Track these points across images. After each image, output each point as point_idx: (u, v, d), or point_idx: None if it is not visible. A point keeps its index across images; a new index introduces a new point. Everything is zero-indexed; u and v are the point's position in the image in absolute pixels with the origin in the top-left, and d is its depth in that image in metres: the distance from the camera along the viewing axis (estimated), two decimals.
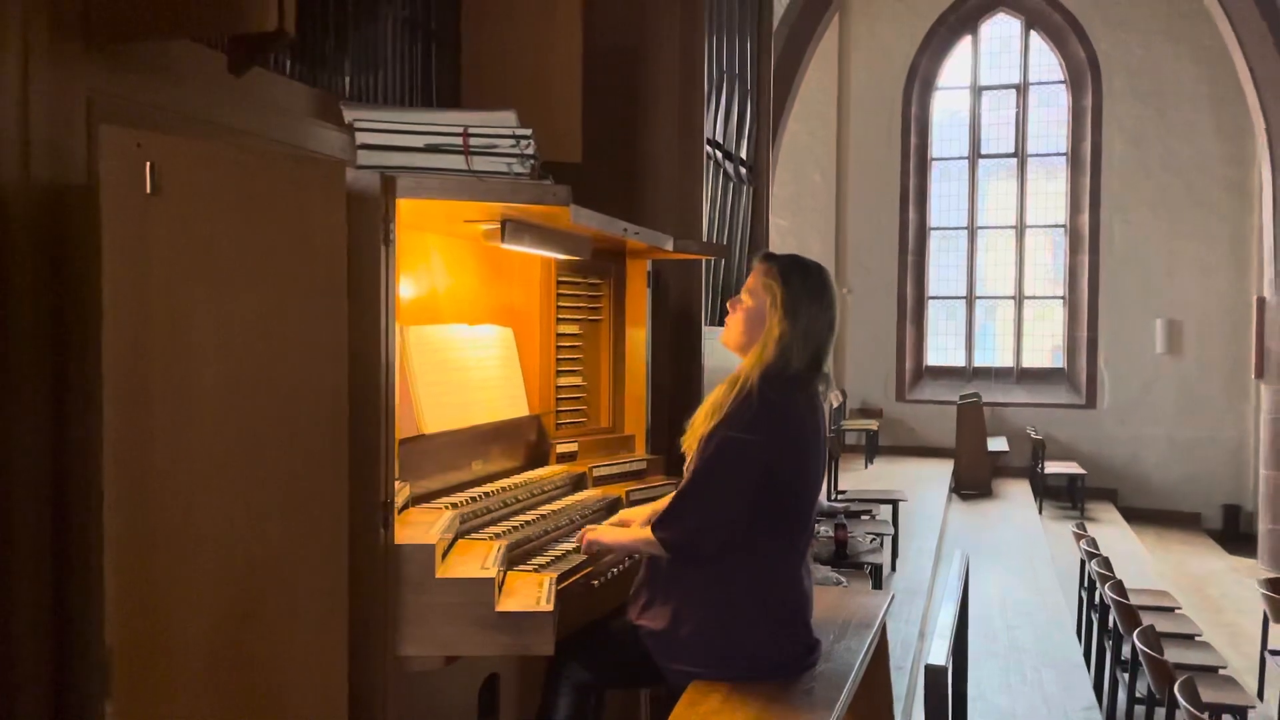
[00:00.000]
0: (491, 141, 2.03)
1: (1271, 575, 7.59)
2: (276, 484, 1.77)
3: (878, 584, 5.73)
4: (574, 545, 2.61)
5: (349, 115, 2.08)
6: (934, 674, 1.98)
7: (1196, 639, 5.59)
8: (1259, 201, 10.77)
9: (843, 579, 4.89)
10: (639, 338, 3.45)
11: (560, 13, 3.53)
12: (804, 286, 2.50)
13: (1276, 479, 9.57)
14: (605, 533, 2.60)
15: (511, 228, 2.42)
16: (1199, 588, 9.05)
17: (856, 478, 10.62)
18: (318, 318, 1.81)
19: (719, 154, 4.90)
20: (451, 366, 2.69)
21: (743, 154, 5.43)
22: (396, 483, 2.05)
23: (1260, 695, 5.85)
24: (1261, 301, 9.88)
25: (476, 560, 2.17)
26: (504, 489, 2.72)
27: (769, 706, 2.28)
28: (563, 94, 3.46)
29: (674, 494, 2.48)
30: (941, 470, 11.45)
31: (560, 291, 3.20)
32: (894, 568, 7.16)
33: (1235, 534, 11.44)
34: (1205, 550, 10.85)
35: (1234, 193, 11.94)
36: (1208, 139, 12.05)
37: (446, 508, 2.41)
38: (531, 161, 2.07)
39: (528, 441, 3.10)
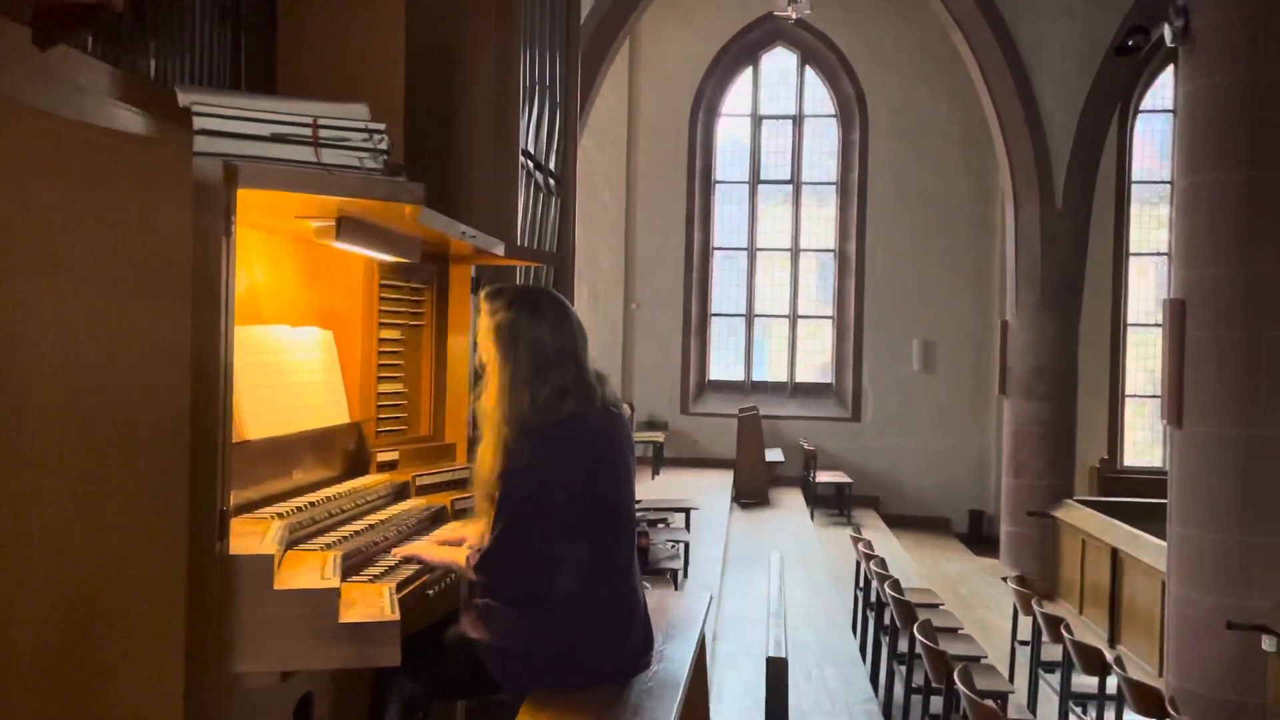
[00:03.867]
0: (343, 134, 1.95)
1: (1013, 573, 8.43)
2: (115, 493, 1.62)
3: (676, 589, 5.88)
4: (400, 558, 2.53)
5: (185, 99, 1.94)
6: (775, 665, 2.07)
7: (960, 632, 6.12)
8: (1001, 234, 11.95)
9: (647, 585, 4.98)
10: (462, 345, 3.39)
11: (382, 7, 3.44)
12: (528, 317, 2.44)
13: (1015, 486, 10.61)
14: (424, 550, 2.55)
15: (347, 225, 2.34)
16: (952, 586, 9.87)
17: (645, 488, 10.84)
18: (159, 315, 1.68)
19: (531, 164, 4.91)
20: (274, 370, 2.55)
21: (552, 165, 5.47)
22: None
23: (1011, 682, 6.45)
24: (1004, 324, 10.95)
25: (313, 571, 2.07)
26: (329, 498, 2.60)
27: (609, 710, 2.30)
28: (385, 90, 3.36)
29: (486, 544, 2.43)
30: (723, 480, 11.89)
31: (383, 295, 3.11)
32: (686, 574, 7.37)
33: (980, 536, 12.59)
34: (955, 552, 11.87)
35: (980, 226, 13.17)
36: (957, 175, 13.25)
37: (273, 518, 2.28)
38: (384, 157, 2.01)
39: (348, 450, 2.98)
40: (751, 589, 7.17)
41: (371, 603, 2.09)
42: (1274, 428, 6.04)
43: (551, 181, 5.49)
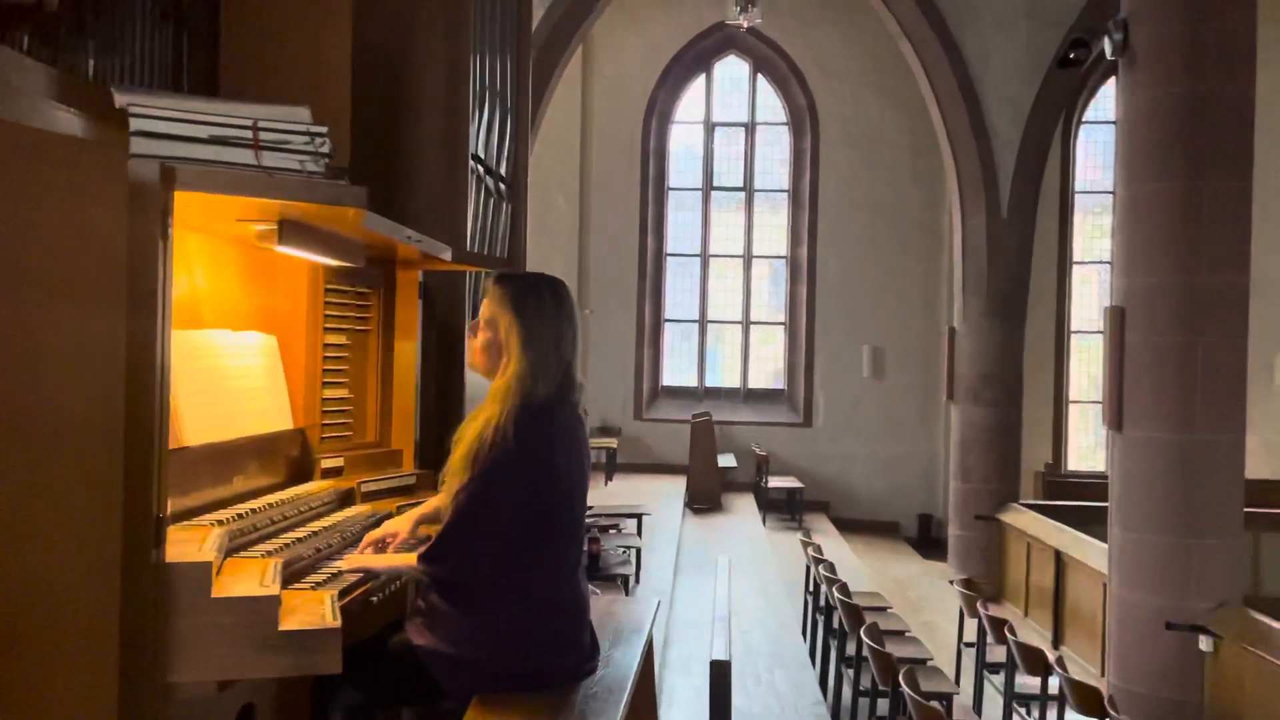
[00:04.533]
0: (284, 137, 1.93)
1: (960, 577, 8.55)
2: (45, 499, 1.59)
3: (627, 594, 5.89)
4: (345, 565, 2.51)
5: (122, 100, 1.91)
6: (719, 668, 2.09)
7: (906, 635, 6.19)
8: (949, 242, 12.13)
9: (597, 590, 4.98)
10: (409, 350, 3.38)
11: (329, 9, 3.41)
12: (539, 311, 2.46)
13: (963, 490, 10.77)
14: (368, 560, 2.52)
15: (289, 229, 2.31)
16: (900, 590, 9.99)
17: (598, 494, 10.84)
18: (93, 318, 1.65)
19: (481, 169, 4.90)
20: (214, 374, 2.52)
21: (502, 171, 5.46)
22: None
23: (957, 683, 6.54)
24: (952, 331, 11.12)
25: (253, 578, 2.04)
26: (271, 505, 2.57)
27: (554, 715, 2.30)
28: (331, 93, 3.34)
29: (439, 534, 2.44)
30: (676, 485, 11.93)
31: (328, 300, 3.08)
32: (638, 579, 7.38)
33: (929, 540, 12.76)
34: (904, 555, 12.01)
35: (928, 234, 13.37)
36: (907, 184, 13.43)
37: (213, 525, 2.24)
38: (326, 160, 1.99)
39: (291, 456, 2.94)
40: (703, 594, 7.19)
41: (312, 610, 2.06)
42: (1210, 432, 6.21)
43: (502, 186, 5.48)
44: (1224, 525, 6.27)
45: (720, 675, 2.06)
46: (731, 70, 14.28)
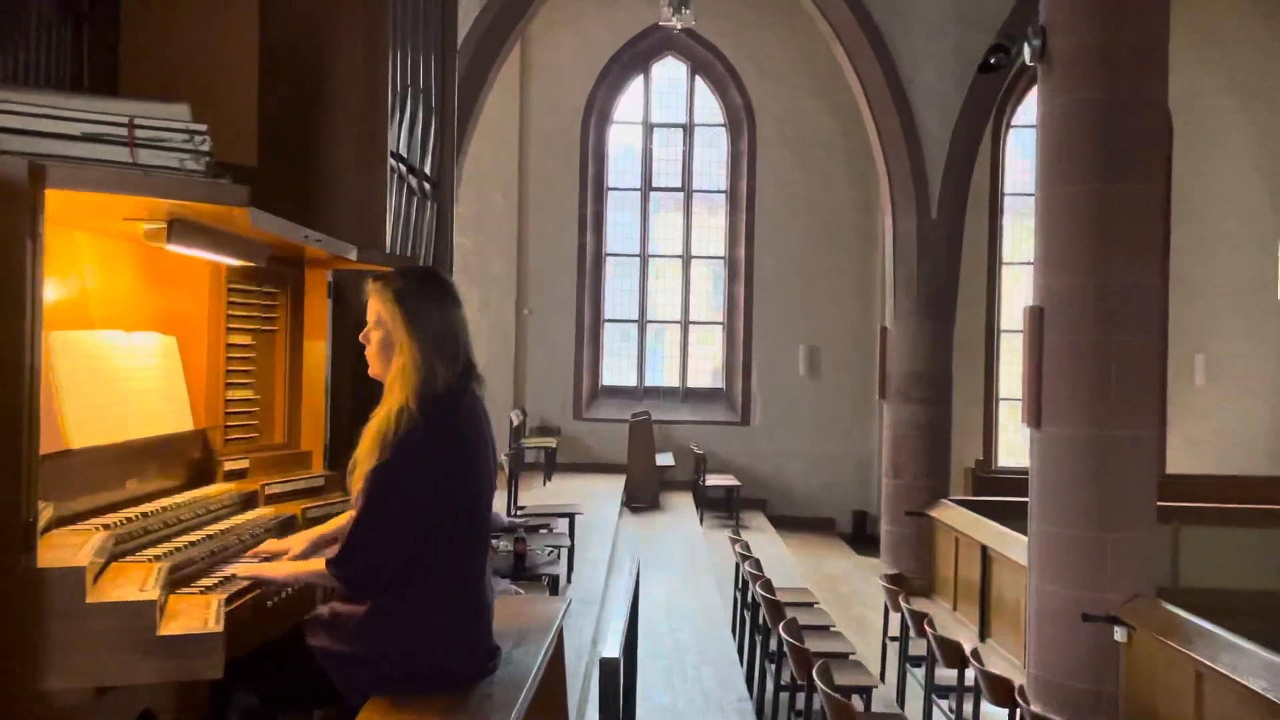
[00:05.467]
0: (161, 135, 1.91)
1: (892, 572, 8.68)
2: None
3: (555, 594, 5.89)
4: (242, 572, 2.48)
5: None
6: (608, 666, 2.10)
7: (831, 629, 6.28)
8: (882, 244, 12.31)
9: (520, 590, 4.99)
10: (318, 350, 3.34)
11: (234, 7, 3.37)
12: (423, 300, 2.46)
13: (894, 487, 10.93)
14: (268, 569, 2.50)
15: (179, 228, 2.28)
16: (833, 585, 10.12)
17: (535, 494, 10.83)
18: None
19: (403, 168, 4.87)
20: (103, 376, 2.48)
21: (427, 169, 5.42)
22: (40, 502, 1.86)
23: (882, 677, 6.66)
24: (884, 331, 11.27)
25: (134, 583, 2.02)
26: (165, 508, 2.54)
27: (449, 715, 2.30)
28: (236, 92, 3.31)
29: (347, 532, 2.43)
30: (614, 485, 11.94)
31: (231, 300, 3.04)
32: (570, 579, 7.38)
33: (863, 536, 12.93)
34: (838, 552, 12.16)
35: (862, 235, 13.55)
36: (842, 186, 13.60)
37: (98, 529, 2.21)
38: (207, 159, 1.97)
39: (192, 458, 2.90)
40: (639, 594, 7.21)
41: (196, 615, 2.04)
42: (1124, 428, 6.37)
43: (427, 186, 5.45)
44: (1138, 519, 6.43)
45: (610, 672, 2.08)
46: (670, 71, 14.33)
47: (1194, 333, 13.10)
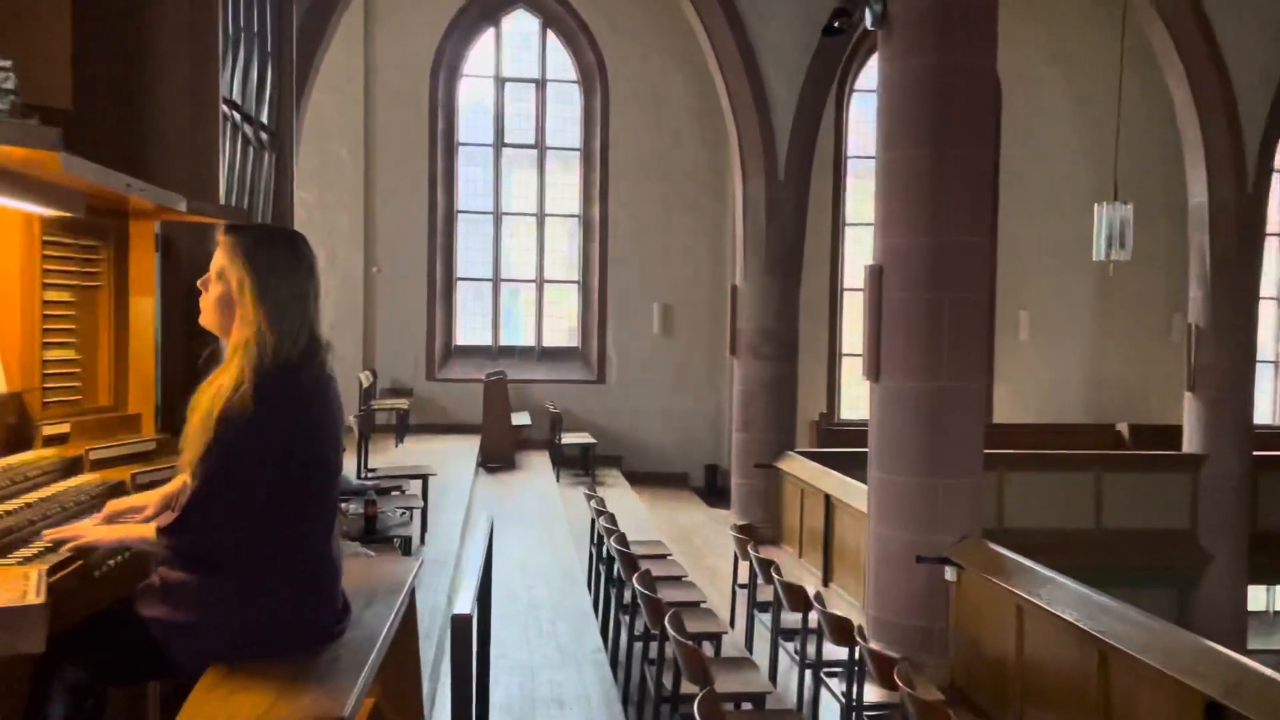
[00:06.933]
0: None
1: (741, 523, 8.96)
2: None
3: (409, 555, 5.82)
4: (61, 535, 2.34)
5: None
6: (459, 622, 2.10)
7: (683, 580, 6.44)
8: (732, 204, 12.54)
9: (371, 553, 4.90)
10: (146, 307, 3.17)
11: None
12: (272, 263, 2.36)
13: (744, 440, 11.25)
14: (93, 532, 2.36)
15: None
16: (686, 537, 10.38)
17: (387, 456, 10.63)
18: None
19: (237, 115, 4.64)
20: None
21: (264, 119, 5.18)
22: None
23: (731, 624, 6.88)
24: (735, 289, 11.53)
25: None
26: None
27: (293, 679, 2.25)
28: (48, 29, 3.06)
29: (181, 504, 2.33)
30: (469, 445, 11.84)
31: (47, 254, 2.84)
32: (423, 541, 7.30)
33: (714, 489, 13.29)
34: (691, 505, 12.46)
35: (714, 195, 13.75)
36: (695, 146, 13.74)
37: None
38: (12, 98, 1.83)
39: (6, 423, 2.71)
40: (495, 553, 7.21)
41: (14, 587, 1.93)
42: (955, 380, 6.74)
43: (264, 135, 5.21)
44: (967, 466, 6.85)
45: (461, 629, 2.07)
46: (521, 25, 14.08)
47: (1018, 290, 13.93)
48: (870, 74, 13.72)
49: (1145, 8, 10.74)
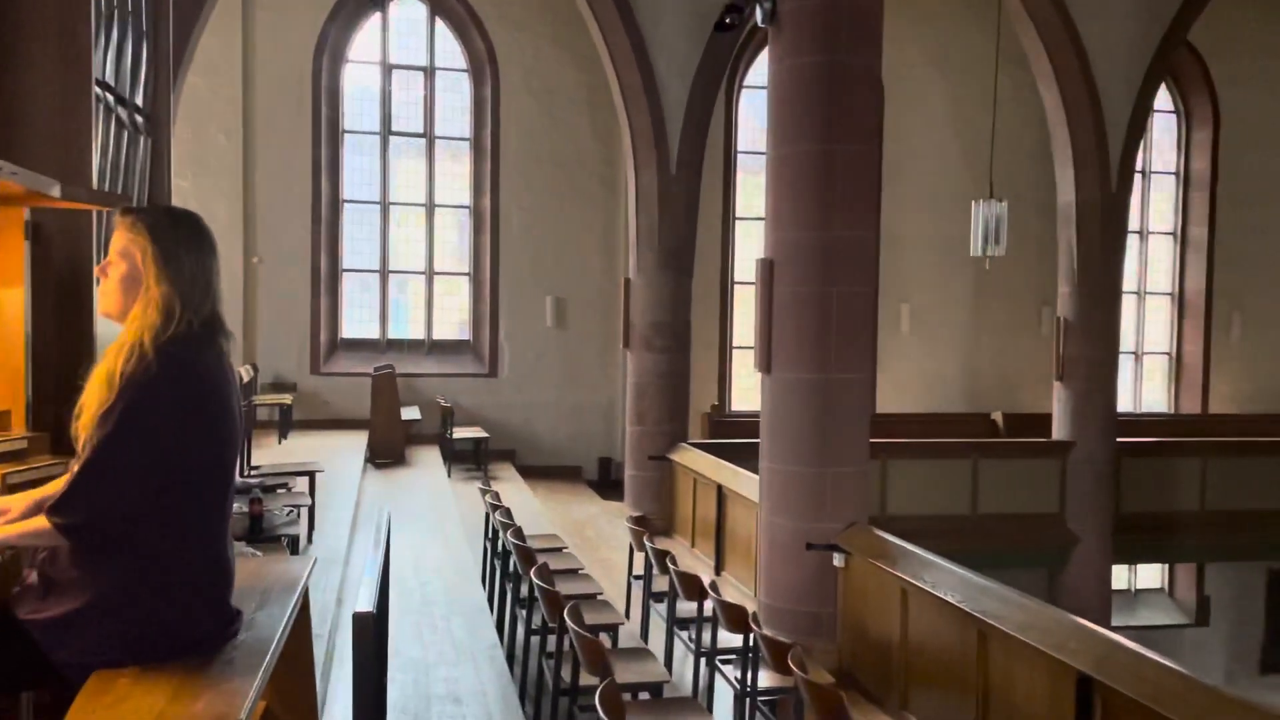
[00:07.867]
0: None
1: (635, 514, 9.01)
2: None
3: (296, 555, 5.65)
4: None
5: None
6: (361, 620, 2.05)
7: (580, 572, 6.45)
8: (625, 197, 12.59)
9: (258, 553, 4.75)
10: (14, 299, 3.00)
11: None
12: (175, 236, 2.33)
13: (637, 433, 11.32)
14: None
15: None
16: (580, 530, 10.38)
17: (271, 453, 10.30)
18: None
19: (110, 98, 4.43)
20: None
21: (139, 101, 4.97)
22: None
23: (627, 614, 6.92)
24: (628, 282, 11.57)
25: None
26: None
27: (185, 683, 2.17)
28: None
29: (70, 475, 2.22)
30: (357, 441, 11.59)
31: None
32: (311, 539, 7.11)
33: (608, 481, 13.33)
34: (585, 498, 12.47)
35: (606, 188, 13.78)
36: (586, 138, 13.72)
37: None
38: None
39: None
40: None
41: None
42: (842, 372, 6.92)
43: (139, 119, 4.99)
44: (853, 455, 7.04)
45: (363, 627, 2.03)
46: (408, 11, 13.80)
47: (900, 284, 14.39)
48: (759, 70, 13.96)
49: (1018, 12, 11.21)
